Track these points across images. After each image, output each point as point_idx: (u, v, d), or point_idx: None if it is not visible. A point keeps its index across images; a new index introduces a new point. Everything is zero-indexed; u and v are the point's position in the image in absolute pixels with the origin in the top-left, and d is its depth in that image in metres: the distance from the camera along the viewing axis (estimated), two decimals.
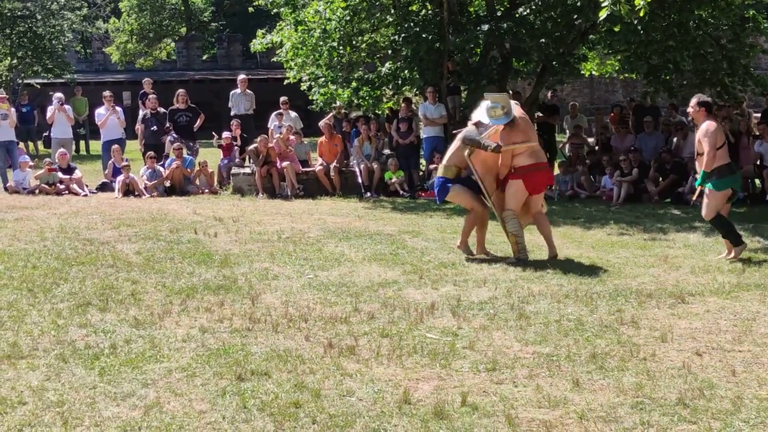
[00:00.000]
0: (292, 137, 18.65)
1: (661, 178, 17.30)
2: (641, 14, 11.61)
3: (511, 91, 21.34)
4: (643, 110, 20.05)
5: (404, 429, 5.35)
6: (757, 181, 17.22)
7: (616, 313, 8.01)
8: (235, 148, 19.50)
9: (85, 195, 17.81)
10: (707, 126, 10.53)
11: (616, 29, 16.71)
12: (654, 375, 6.25)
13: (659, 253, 11.07)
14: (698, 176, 10.83)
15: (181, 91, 20.28)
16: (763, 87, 18.79)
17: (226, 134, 19.70)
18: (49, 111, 20.64)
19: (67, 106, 20.94)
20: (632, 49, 17.72)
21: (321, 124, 19.05)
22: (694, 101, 10.86)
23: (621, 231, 13.09)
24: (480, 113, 10.96)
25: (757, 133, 17.40)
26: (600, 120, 22.11)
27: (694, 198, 11.54)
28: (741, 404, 5.68)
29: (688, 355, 6.75)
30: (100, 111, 20.27)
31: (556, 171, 19.02)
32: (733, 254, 10.65)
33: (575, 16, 17.78)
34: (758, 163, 16.83)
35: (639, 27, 16.79)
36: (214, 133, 20.49)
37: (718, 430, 5.29)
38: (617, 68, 23.30)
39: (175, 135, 19.28)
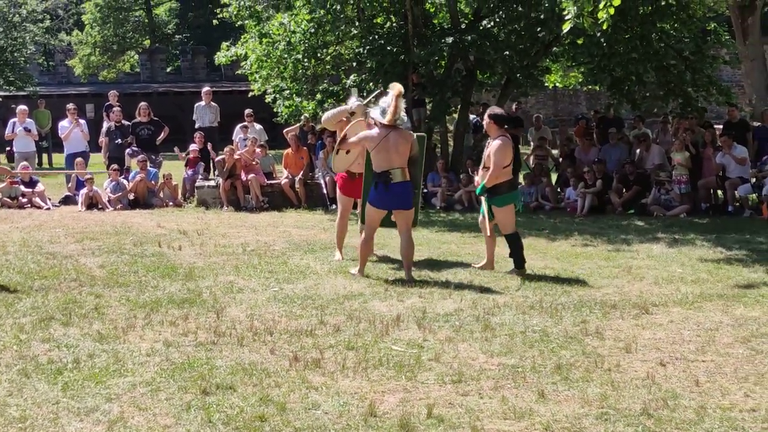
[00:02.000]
0: (258, 150, 18.61)
1: (624, 190, 17.43)
2: (604, 27, 11.69)
3: (476, 103, 21.51)
4: (607, 122, 20.19)
5: None
6: (720, 192, 17.37)
7: (580, 324, 8.04)
8: (200, 162, 19.44)
9: (48, 208, 17.68)
10: (498, 142, 10.35)
11: (580, 42, 16.87)
12: (618, 386, 6.28)
13: (623, 264, 11.14)
14: (478, 186, 10.71)
15: (143, 104, 20.17)
16: (727, 96, 18.98)
17: (192, 147, 19.64)
18: (8, 130, 20.54)
19: (29, 120, 20.83)
20: (595, 61, 17.88)
21: (289, 136, 18.97)
22: (488, 113, 10.76)
23: (585, 242, 13.16)
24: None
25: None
26: (564, 132, 22.24)
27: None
28: (705, 414, 5.72)
29: (652, 365, 6.79)
30: (64, 124, 20.16)
31: (521, 182, 19.11)
32: (512, 270, 10.60)
33: (539, 29, 17.91)
34: (720, 174, 16.95)
35: (602, 39, 16.95)
36: (176, 148, 20.47)
37: None
38: (581, 80, 23.49)
39: (135, 148, 19.18)
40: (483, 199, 10.68)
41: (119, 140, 19.42)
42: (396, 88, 10.23)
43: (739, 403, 5.94)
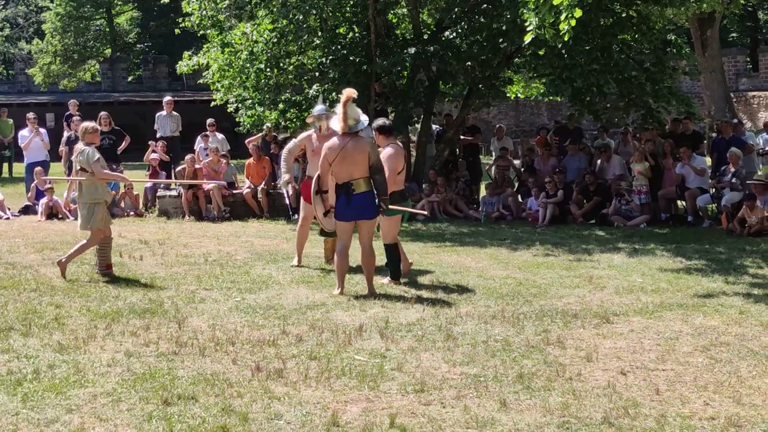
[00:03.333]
0: (222, 162, 18.56)
1: (585, 200, 17.52)
2: (566, 38, 11.76)
3: (439, 113, 21.55)
4: (566, 133, 20.30)
5: None
6: (680, 203, 17.51)
7: (542, 333, 8.08)
8: (162, 172, 19.36)
9: (7, 218, 17.52)
10: (389, 150, 10.52)
11: (541, 53, 16.94)
12: (580, 394, 6.32)
13: (584, 274, 11.20)
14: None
15: (103, 113, 20.01)
16: (687, 105, 19.14)
17: (153, 156, 19.54)
18: None
19: None
20: (557, 72, 17.97)
21: (251, 146, 18.95)
22: (373, 126, 10.86)
23: (547, 252, 13.22)
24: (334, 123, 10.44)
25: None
26: (526, 142, 22.33)
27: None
28: (665, 422, 5.77)
29: (612, 374, 6.84)
30: (24, 133, 20.03)
31: (483, 193, 19.20)
32: (384, 281, 10.68)
33: (501, 40, 17.98)
34: (680, 184, 17.09)
35: (563, 51, 17.03)
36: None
37: None
38: (542, 91, 23.59)
39: None
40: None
41: None
42: (345, 94, 10.06)
43: (698, 411, 5.99)
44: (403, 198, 10.75)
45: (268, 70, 18.96)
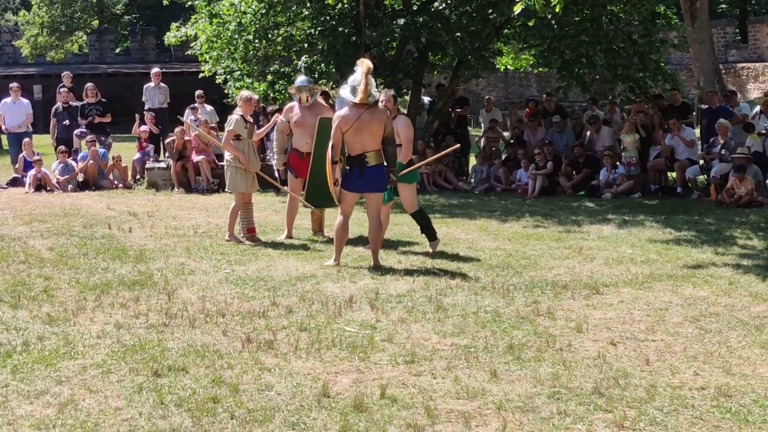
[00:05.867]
0: (214, 134, 18.52)
1: (574, 172, 17.52)
2: (557, 9, 11.71)
3: (428, 85, 21.48)
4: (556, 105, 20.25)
5: (324, 422, 5.34)
6: (670, 174, 17.51)
7: (532, 304, 8.09)
8: (150, 145, 19.30)
9: None
10: (404, 119, 10.58)
11: (531, 24, 16.88)
12: (570, 365, 6.33)
13: (574, 245, 11.21)
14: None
15: (89, 85, 19.93)
16: (673, 82, 19.11)
17: (143, 128, 19.49)
18: None
19: None
20: (546, 43, 17.91)
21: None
22: (389, 94, 10.62)
23: (536, 223, 13.23)
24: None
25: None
26: (514, 114, 22.28)
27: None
28: (655, 392, 5.78)
29: (603, 345, 6.85)
30: (7, 101, 19.91)
31: (473, 162, 19.19)
32: (430, 249, 10.80)
33: (490, 11, 17.91)
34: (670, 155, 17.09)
35: (553, 22, 16.98)
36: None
37: (633, 418, 5.37)
38: (531, 63, 23.54)
39: (83, 129, 18.99)
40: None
41: (67, 121, 19.20)
42: (365, 64, 9.82)
43: (688, 381, 6.01)
44: (411, 164, 10.70)
45: (256, 41, 18.89)
